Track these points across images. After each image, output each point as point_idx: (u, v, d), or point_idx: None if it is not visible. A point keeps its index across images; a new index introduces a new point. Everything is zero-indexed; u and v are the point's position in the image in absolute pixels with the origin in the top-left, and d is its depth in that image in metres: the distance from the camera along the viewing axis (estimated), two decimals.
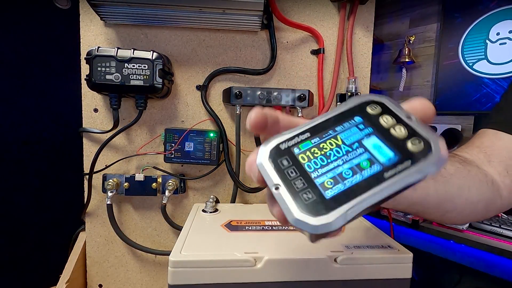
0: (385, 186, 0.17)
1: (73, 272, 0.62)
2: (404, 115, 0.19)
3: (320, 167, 0.19)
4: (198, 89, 0.65)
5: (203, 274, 0.35)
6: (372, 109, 0.20)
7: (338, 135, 0.20)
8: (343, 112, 0.21)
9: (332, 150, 0.20)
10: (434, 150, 0.17)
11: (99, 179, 0.63)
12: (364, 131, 0.20)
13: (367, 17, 0.66)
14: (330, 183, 0.18)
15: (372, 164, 0.18)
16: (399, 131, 0.19)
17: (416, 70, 1.73)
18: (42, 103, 0.74)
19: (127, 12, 0.55)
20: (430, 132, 0.18)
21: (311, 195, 0.18)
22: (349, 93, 0.64)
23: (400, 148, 0.18)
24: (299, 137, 0.21)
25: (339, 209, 0.17)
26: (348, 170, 0.18)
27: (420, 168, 0.17)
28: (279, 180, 0.19)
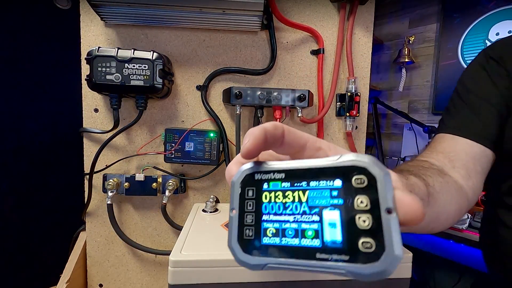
0: (309, 264, 0.17)
1: (74, 272, 0.62)
2: (385, 206, 0.16)
3: (273, 214, 0.19)
4: (198, 89, 0.65)
5: (203, 274, 0.35)
6: (358, 182, 0.17)
7: (307, 190, 0.19)
8: (329, 167, 0.19)
9: (292, 203, 0.19)
10: (378, 263, 0.15)
11: (100, 179, 0.63)
12: (333, 200, 0.18)
13: (366, 17, 0.66)
14: (271, 233, 0.19)
15: (316, 237, 0.18)
16: (362, 222, 0.16)
17: (416, 70, 1.73)
18: (43, 103, 0.74)
19: (127, 12, 0.55)
20: (393, 243, 0.15)
21: (251, 234, 0.19)
22: (349, 93, 0.64)
23: (351, 239, 0.17)
24: (274, 174, 0.20)
25: (262, 259, 0.18)
26: (292, 230, 0.18)
27: (350, 270, 0.16)
28: (237, 207, 0.20)
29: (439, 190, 0.37)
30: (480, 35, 1.51)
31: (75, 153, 0.65)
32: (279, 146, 0.22)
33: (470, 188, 0.43)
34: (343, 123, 0.68)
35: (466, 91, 0.51)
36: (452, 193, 0.40)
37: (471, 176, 0.44)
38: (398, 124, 1.84)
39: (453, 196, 0.40)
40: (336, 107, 0.68)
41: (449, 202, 0.38)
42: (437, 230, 0.39)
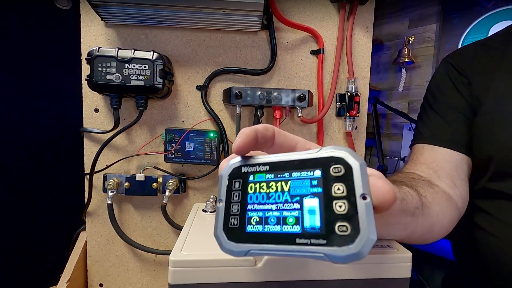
0: (289, 249, 0.18)
1: (74, 272, 0.62)
2: (360, 192, 0.17)
3: (258, 204, 0.21)
4: (198, 89, 0.65)
5: (203, 274, 0.35)
6: (335, 170, 0.19)
7: (289, 181, 0.20)
8: (309, 159, 0.20)
9: (275, 193, 0.20)
10: (353, 246, 0.16)
11: (100, 179, 0.63)
12: (313, 189, 0.19)
13: (366, 17, 0.66)
14: (255, 221, 0.20)
15: (296, 224, 0.19)
16: (339, 208, 0.18)
17: (416, 70, 1.73)
18: (43, 103, 0.74)
19: (127, 12, 0.55)
20: (368, 227, 0.16)
21: (236, 223, 0.21)
22: (349, 93, 0.64)
23: (329, 224, 0.18)
24: (259, 167, 0.22)
25: (245, 245, 0.20)
26: (274, 218, 0.20)
27: (326, 252, 0.17)
28: (224, 198, 0.22)
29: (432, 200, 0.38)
30: (479, 35, 1.51)
31: (75, 153, 0.65)
32: (270, 146, 0.23)
33: (458, 196, 0.44)
34: (343, 123, 0.68)
35: (435, 100, 0.52)
36: (443, 203, 0.40)
37: (457, 184, 0.44)
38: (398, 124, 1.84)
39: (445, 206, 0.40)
40: (336, 107, 0.68)
41: (441, 212, 0.39)
42: (431, 241, 0.40)
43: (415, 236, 0.36)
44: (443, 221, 0.39)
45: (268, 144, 0.23)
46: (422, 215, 0.34)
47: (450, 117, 0.49)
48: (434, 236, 0.39)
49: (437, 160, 0.46)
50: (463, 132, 0.47)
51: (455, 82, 0.49)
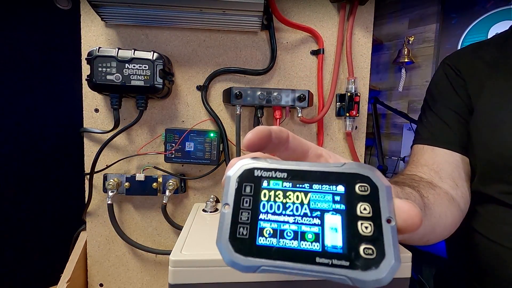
0: (307, 268, 0.17)
1: (74, 272, 0.62)
2: (386, 215, 0.17)
3: (272, 214, 0.18)
4: (198, 90, 0.65)
5: (203, 274, 0.35)
6: (361, 189, 0.18)
7: (310, 193, 0.18)
8: (333, 172, 0.19)
9: (293, 204, 0.18)
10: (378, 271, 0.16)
11: (100, 179, 0.63)
12: (335, 205, 0.18)
13: (366, 17, 0.66)
14: (268, 233, 0.18)
15: (316, 241, 0.17)
16: (364, 229, 0.17)
17: (415, 70, 1.73)
18: (43, 103, 0.74)
19: (127, 12, 0.55)
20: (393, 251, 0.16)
21: (246, 233, 0.18)
22: (349, 93, 0.64)
23: (352, 245, 0.17)
24: (276, 173, 0.19)
25: (255, 260, 0.17)
26: (291, 232, 0.18)
27: (350, 276, 0.16)
28: (232, 202, 0.19)
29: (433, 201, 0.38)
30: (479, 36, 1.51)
31: (75, 153, 0.65)
32: (284, 150, 0.22)
33: (460, 197, 0.44)
34: (343, 123, 0.68)
35: (434, 101, 0.52)
36: (445, 204, 0.40)
37: (459, 185, 0.45)
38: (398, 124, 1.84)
39: (447, 207, 0.40)
40: (336, 107, 0.68)
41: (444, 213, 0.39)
42: (433, 242, 0.40)
43: (416, 237, 0.36)
44: (446, 221, 0.39)
45: (282, 147, 0.22)
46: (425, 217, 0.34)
47: (449, 118, 0.49)
48: (436, 237, 0.39)
49: (437, 161, 0.46)
50: (462, 133, 0.48)
51: (453, 83, 0.50)
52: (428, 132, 0.51)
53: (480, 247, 0.44)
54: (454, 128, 0.48)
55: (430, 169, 0.46)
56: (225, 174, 0.20)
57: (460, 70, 0.50)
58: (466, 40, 1.55)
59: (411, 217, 0.18)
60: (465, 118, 0.48)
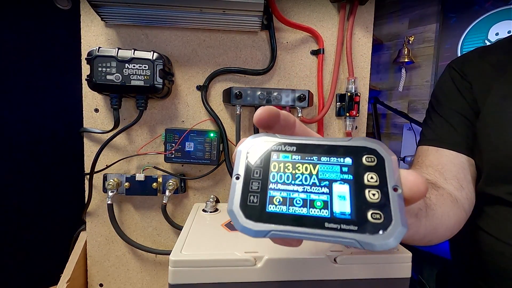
0: (317, 233, 0.17)
1: (74, 272, 0.62)
2: (392, 183, 0.18)
3: (281, 183, 0.19)
4: (198, 89, 0.65)
5: (203, 274, 0.35)
6: (368, 160, 0.19)
7: (318, 164, 0.19)
8: (340, 146, 0.20)
9: (302, 175, 0.19)
10: (386, 234, 0.16)
11: (100, 179, 0.63)
12: (343, 175, 0.19)
13: (366, 17, 0.66)
14: (278, 201, 0.19)
15: (325, 208, 0.18)
16: (372, 196, 0.18)
17: (416, 70, 1.73)
18: (43, 103, 0.74)
19: (127, 12, 0.55)
20: (400, 217, 0.17)
21: (256, 200, 0.19)
22: (349, 93, 0.64)
23: (360, 211, 0.17)
24: (285, 146, 0.20)
25: (265, 225, 0.18)
26: (300, 200, 0.18)
27: (358, 239, 0.16)
28: (243, 173, 0.20)
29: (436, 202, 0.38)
30: (480, 35, 1.51)
31: (75, 153, 0.65)
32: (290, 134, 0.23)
33: (465, 198, 0.44)
34: (343, 123, 0.68)
35: (439, 104, 0.53)
36: (448, 205, 0.40)
37: (464, 186, 0.45)
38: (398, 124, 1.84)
39: (450, 208, 0.40)
40: (336, 107, 0.68)
41: (446, 214, 0.39)
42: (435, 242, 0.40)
43: (417, 237, 0.36)
44: (448, 223, 0.39)
45: (288, 132, 0.23)
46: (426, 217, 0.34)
47: (454, 120, 0.49)
48: (438, 237, 0.39)
49: (442, 162, 0.47)
50: (467, 135, 0.48)
51: (459, 87, 0.50)
52: (433, 133, 0.51)
53: (487, 246, 0.45)
54: (460, 129, 0.48)
55: (434, 170, 0.46)
56: (235, 149, 0.21)
57: (466, 73, 0.50)
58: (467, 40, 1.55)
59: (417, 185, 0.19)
60: (471, 120, 0.48)
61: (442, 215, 0.38)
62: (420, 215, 0.33)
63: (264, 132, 0.22)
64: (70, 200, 0.73)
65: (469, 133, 0.48)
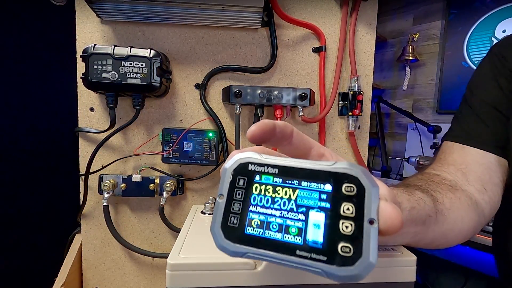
0: (287, 259, 0.18)
1: (69, 275, 0.62)
2: (368, 217, 0.18)
3: (261, 207, 0.20)
4: (196, 88, 0.65)
5: (202, 277, 0.35)
6: (347, 189, 0.19)
7: (297, 189, 0.20)
8: (323, 171, 0.20)
9: (280, 199, 0.20)
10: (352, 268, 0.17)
11: (95, 180, 0.63)
12: (320, 203, 0.19)
13: (370, 14, 0.66)
14: (256, 224, 0.20)
15: (298, 235, 0.19)
16: (345, 228, 0.18)
17: (420, 68, 1.73)
18: (37, 102, 0.74)
19: (124, 9, 0.56)
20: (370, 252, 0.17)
21: (236, 222, 0.20)
22: (351, 91, 0.65)
23: (332, 242, 0.18)
24: (268, 168, 0.21)
25: (242, 247, 0.19)
26: (276, 225, 0.19)
27: (324, 270, 0.17)
28: (226, 193, 0.21)
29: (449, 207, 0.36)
30: (486, 32, 1.51)
31: (70, 153, 0.65)
32: (287, 145, 0.23)
33: (487, 202, 0.41)
34: (346, 122, 0.68)
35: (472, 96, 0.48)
36: (464, 209, 0.38)
37: (487, 189, 0.42)
38: (402, 124, 1.84)
39: (466, 213, 0.38)
40: (338, 106, 0.68)
41: (460, 219, 0.37)
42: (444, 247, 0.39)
43: (424, 242, 0.35)
44: (461, 227, 0.37)
45: (285, 142, 0.23)
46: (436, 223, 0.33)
47: (485, 114, 0.45)
48: (448, 242, 0.38)
49: (466, 161, 0.43)
50: (499, 132, 0.44)
51: (496, 74, 0.45)
52: (461, 128, 0.47)
53: None
54: (491, 125, 0.44)
55: (457, 169, 0.43)
56: (223, 166, 0.22)
57: (508, 59, 0.45)
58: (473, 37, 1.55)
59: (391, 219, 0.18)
60: (506, 114, 0.44)
61: (456, 220, 0.36)
62: (429, 222, 0.32)
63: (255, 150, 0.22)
64: (64, 202, 0.73)
65: (502, 129, 0.43)
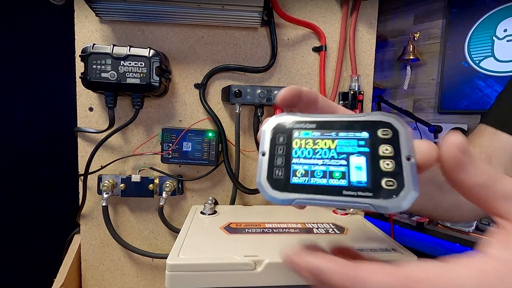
0: (335, 199, 0.20)
1: (68, 276, 0.62)
2: (406, 153, 0.20)
3: (303, 158, 0.22)
4: (196, 88, 0.65)
5: (201, 278, 0.35)
6: (383, 133, 0.21)
7: (336, 140, 0.22)
8: (358, 121, 0.22)
9: (321, 149, 0.22)
10: (396, 199, 0.19)
11: (94, 180, 0.63)
12: (360, 148, 0.21)
13: (370, 13, 0.66)
14: (300, 174, 0.22)
15: (343, 178, 0.21)
16: (386, 166, 0.20)
17: (421, 67, 1.73)
18: (36, 102, 0.74)
19: (123, 8, 0.55)
20: (412, 183, 0.19)
21: (281, 174, 0.22)
22: (352, 91, 0.64)
23: (375, 179, 0.20)
24: (306, 124, 0.23)
25: (290, 194, 0.21)
26: (320, 172, 0.21)
27: (373, 203, 0.19)
28: (268, 150, 0.23)
29: None
30: (488, 32, 1.51)
31: (69, 153, 0.65)
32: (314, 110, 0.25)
33: None
34: None
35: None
36: None
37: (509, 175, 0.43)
38: None
39: None
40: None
41: None
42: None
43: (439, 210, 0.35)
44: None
45: (311, 108, 0.24)
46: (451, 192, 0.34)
47: None
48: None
49: (494, 146, 0.43)
50: None
51: None
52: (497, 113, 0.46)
53: None
54: None
55: (481, 152, 0.43)
56: (260, 128, 0.24)
57: None
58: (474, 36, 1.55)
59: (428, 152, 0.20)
60: None
61: None
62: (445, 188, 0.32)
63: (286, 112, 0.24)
64: (63, 202, 0.73)
65: None
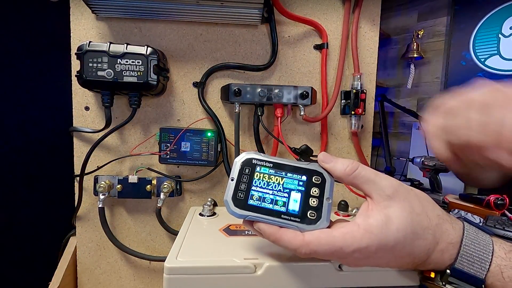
0: (276, 220, 0.32)
1: (63, 279, 0.62)
2: (327, 195, 0.33)
3: (259, 187, 0.33)
4: (195, 86, 0.65)
5: (200, 281, 0.35)
6: (315, 179, 0.33)
7: (284, 178, 0.34)
8: (302, 167, 0.34)
9: (273, 183, 0.34)
10: (314, 225, 0.31)
11: (91, 181, 0.63)
12: (299, 187, 0.33)
13: (373, 10, 0.66)
14: (256, 198, 0.33)
15: (283, 206, 0.32)
16: (313, 202, 0.32)
17: (425, 66, 1.73)
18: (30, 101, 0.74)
19: (119, 4, 0.56)
20: (325, 217, 0.31)
21: (242, 196, 0.33)
22: (354, 90, 0.64)
23: (304, 210, 0.32)
24: (266, 163, 0.34)
25: (246, 212, 0.32)
26: (269, 199, 0.33)
27: (299, 226, 0.31)
28: (236, 176, 0.34)
29: None
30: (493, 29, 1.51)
31: (64, 154, 0.65)
32: None
33: None
34: (348, 122, 0.68)
35: None
36: None
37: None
38: (406, 123, 1.84)
39: None
40: (340, 105, 0.68)
41: None
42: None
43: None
44: None
45: None
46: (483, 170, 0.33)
47: None
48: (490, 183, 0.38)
49: None
50: None
51: None
52: None
53: None
54: None
55: None
56: (234, 160, 0.34)
57: None
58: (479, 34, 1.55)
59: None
60: None
61: None
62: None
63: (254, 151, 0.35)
64: (59, 204, 0.73)
65: None
